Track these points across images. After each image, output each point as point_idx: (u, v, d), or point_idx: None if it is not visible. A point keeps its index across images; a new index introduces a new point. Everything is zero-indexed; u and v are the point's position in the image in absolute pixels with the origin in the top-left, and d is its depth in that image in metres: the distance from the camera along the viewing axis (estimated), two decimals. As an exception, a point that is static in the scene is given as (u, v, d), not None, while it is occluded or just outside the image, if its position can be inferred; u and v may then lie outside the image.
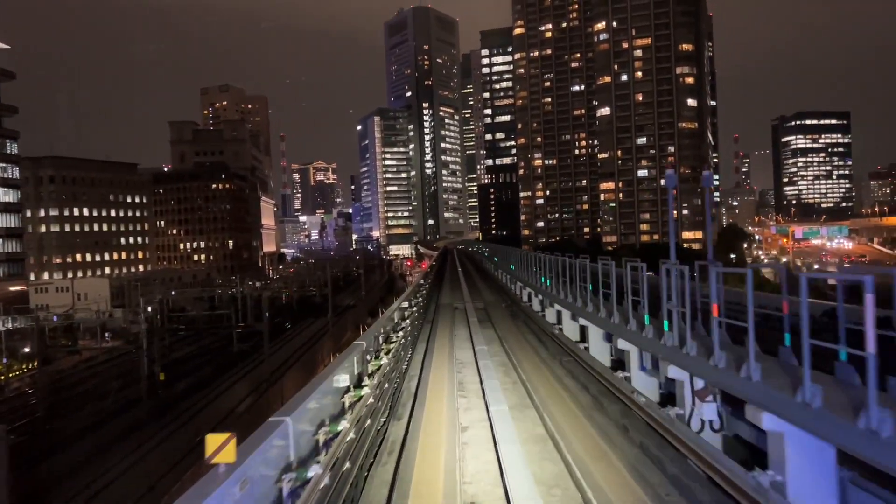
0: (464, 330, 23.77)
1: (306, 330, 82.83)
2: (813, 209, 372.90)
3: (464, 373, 16.68)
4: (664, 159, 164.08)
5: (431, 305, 33.00)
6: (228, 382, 52.61)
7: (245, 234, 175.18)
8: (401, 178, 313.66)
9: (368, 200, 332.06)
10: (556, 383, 15.81)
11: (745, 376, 8.65)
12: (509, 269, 39.82)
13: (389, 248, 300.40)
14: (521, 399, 14.11)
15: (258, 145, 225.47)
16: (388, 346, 15.44)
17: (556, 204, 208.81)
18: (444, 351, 20.43)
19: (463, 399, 14.00)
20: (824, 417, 7.10)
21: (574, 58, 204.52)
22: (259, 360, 60.09)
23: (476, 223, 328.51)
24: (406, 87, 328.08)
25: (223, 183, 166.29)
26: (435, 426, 12.20)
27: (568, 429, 11.72)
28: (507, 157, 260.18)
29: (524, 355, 19.42)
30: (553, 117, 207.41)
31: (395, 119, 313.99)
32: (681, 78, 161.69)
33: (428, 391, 15.18)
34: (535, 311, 28.10)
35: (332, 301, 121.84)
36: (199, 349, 68.69)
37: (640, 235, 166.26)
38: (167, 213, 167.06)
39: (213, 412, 43.45)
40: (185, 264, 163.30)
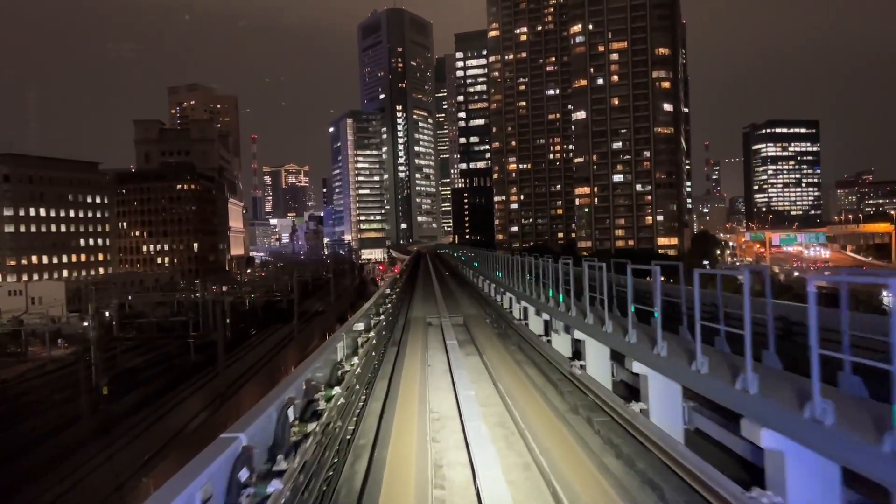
0: (440, 357, 18.32)
1: (271, 337, 78.91)
2: (783, 217, 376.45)
3: (445, 441, 11.06)
4: (640, 164, 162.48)
5: (400, 320, 28.11)
6: (181, 397, 48.69)
7: (211, 237, 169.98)
8: (373, 181, 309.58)
9: (340, 203, 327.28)
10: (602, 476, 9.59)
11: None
12: (494, 277, 33.78)
13: (362, 252, 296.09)
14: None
15: (227, 146, 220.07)
16: (326, 402, 9.99)
17: (530, 208, 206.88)
18: (411, 401, 14.59)
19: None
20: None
21: (549, 61, 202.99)
22: (216, 372, 56.31)
23: (449, 227, 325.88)
24: (379, 90, 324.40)
25: (189, 183, 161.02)
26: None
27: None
28: (482, 161, 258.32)
29: (533, 409, 13.47)
30: (528, 121, 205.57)
31: (367, 121, 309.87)
32: (657, 82, 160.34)
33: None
34: (535, 333, 21.61)
35: (300, 307, 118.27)
36: (153, 359, 64.42)
37: (615, 241, 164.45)
38: (130, 214, 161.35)
39: (160, 431, 39.56)
40: (149, 267, 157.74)
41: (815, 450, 6.88)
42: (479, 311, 31.51)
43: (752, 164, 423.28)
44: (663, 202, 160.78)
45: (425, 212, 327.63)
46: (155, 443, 37.17)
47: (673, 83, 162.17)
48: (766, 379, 8.13)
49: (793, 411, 7.17)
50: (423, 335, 24.00)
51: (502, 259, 31.27)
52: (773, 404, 7.57)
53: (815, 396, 6.75)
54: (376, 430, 12.13)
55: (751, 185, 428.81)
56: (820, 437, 6.73)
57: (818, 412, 6.71)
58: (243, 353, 69.94)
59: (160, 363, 61.06)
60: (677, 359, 10.13)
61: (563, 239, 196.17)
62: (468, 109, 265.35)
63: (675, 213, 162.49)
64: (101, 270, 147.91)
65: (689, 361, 9.58)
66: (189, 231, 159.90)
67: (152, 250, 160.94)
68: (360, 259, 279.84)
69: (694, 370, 9.32)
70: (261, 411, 7.51)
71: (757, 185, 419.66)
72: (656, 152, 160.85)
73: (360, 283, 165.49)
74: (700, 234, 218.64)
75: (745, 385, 8.03)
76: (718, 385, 8.79)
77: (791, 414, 7.18)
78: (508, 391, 14.61)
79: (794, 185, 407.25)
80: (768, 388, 7.97)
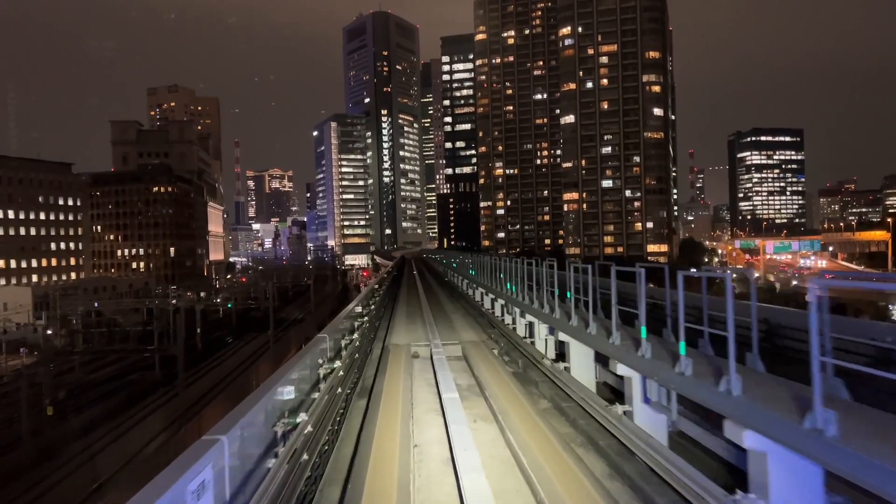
0: (434, 420, 12.36)
1: (245, 347, 74.40)
2: (768, 225, 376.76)
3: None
4: (629, 170, 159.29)
5: (375, 350, 21.60)
6: (139, 416, 44.19)
7: (189, 241, 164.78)
8: (358, 185, 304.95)
9: (324, 208, 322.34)
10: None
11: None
12: (504, 292, 25.28)
13: (345, 257, 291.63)
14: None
15: (207, 148, 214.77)
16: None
17: (516, 214, 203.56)
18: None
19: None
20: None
21: (537, 65, 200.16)
22: (186, 384, 51.86)
23: (434, 234, 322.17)
24: (364, 93, 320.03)
25: (165, 186, 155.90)
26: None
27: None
28: (468, 167, 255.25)
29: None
30: (515, 126, 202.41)
31: (352, 125, 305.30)
32: (647, 86, 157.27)
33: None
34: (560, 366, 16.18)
35: (279, 314, 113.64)
36: (112, 373, 59.61)
37: (604, 248, 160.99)
38: (105, 217, 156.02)
39: (109, 456, 35.07)
40: (123, 272, 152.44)
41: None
42: (480, 334, 24.63)
43: (736, 172, 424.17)
44: (653, 208, 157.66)
45: (410, 217, 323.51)
46: (90, 478, 32.55)
47: (663, 87, 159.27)
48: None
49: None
50: (408, 376, 16.82)
51: (511, 269, 23.90)
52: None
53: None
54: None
55: (735, 193, 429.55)
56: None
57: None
58: (210, 366, 65.44)
59: (119, 378, 56.33)
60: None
61: (549, 245, 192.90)
62: (454, 114, 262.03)
63: (664, 219, 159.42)
64: (72, 275, 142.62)
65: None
66: (165, 235, 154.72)
67: (127, 255, 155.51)
68: (344, 265, 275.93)
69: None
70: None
71: (742, 193, 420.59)
72: (646, 157, 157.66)
73: (342, 290, 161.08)
74: (687, 242, 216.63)
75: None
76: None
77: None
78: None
79: (779, 194, 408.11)
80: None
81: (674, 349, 9.82)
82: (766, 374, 8.66)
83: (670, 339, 10.93)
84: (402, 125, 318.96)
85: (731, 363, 7.76)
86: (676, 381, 9.28)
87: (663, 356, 10.03)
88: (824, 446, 6.19)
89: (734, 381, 7.73)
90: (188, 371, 54.06)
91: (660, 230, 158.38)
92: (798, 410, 6.72)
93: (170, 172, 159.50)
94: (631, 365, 10.96)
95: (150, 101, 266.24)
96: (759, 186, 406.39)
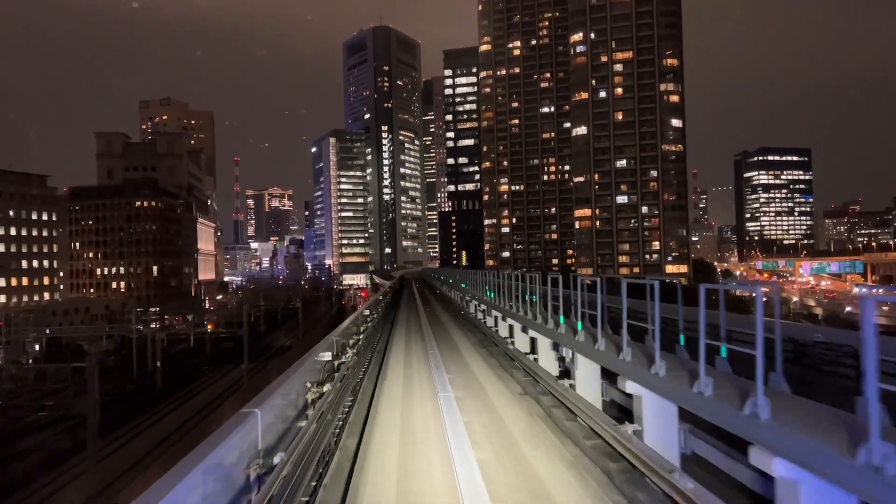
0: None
1: (209, 388, 63.64)
2: (779, 246, 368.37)
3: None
4: (646, 185, 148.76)
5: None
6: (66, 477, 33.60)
7: (174, 260, 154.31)
8: (357, 203, 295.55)
9: (322, 227, 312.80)
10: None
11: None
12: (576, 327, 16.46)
13: (343, 277, 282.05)
14: None
15: (198, 162, 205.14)
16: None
17: (522, 232, 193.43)
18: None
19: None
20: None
21: (544, 77, 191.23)
22: (141, 428, 41.32)
23: (435, 253, 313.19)
24: (364, 109, 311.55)
25: (149, 200, 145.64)
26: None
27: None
28: (470, 183, 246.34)
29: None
30: (520, 140, 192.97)
31: (351, 141, 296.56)
32: (665, 95, 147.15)
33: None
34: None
35: (263, 341, 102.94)
36: (40, 421, 48.89)
37: (619, 268, 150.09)
38: (84, 233, 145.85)
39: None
40: (102, 292, 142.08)
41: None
42: (523, 408, 14.72)
43: (743, 192, 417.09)
44: (671, 226, 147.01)
45: (411, 236, 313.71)
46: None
47: (681, 97, 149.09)
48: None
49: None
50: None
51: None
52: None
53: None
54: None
55: (742, 213, 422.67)
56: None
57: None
58: (171, 406, 54.87)
59: (52, 426, 45.65)
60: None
61: (557, 265, 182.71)
62: (457, 129, 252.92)
63: (683, 238, 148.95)
64: (46, 295, 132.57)
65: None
66: (148, 253, 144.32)
67: (107, 274, 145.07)
68: (342, 284, 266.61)
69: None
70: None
71: (749, 214, 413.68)
72: (664, 171, 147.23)
73: (337, 312, 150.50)
74: (699, 263, 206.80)
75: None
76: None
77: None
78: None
79: (787, 214, 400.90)
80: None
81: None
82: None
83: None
84: (403, 142, 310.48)
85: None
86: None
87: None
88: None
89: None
90: (111, 431, 43.13)
91: (679, 250, 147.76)
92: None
93: (154, 186, 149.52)
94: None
95: (142, 114, 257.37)
96: (767, 206, 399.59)
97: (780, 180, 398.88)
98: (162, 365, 68.25)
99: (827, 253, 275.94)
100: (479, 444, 11.54)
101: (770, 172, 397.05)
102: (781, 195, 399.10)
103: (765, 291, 8.25)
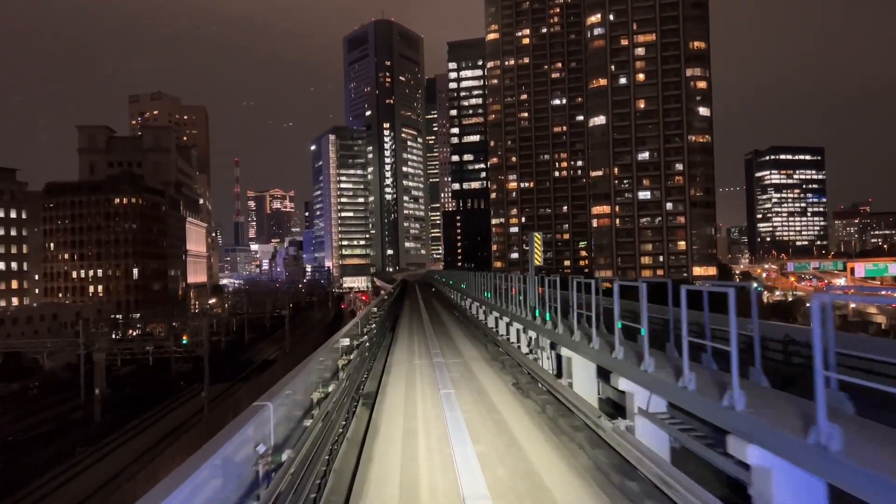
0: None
1: (149, 430, 51.83)
2: (794, 248, 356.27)
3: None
4: (670, 179, 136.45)
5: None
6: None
7: (158, 261, 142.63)
8: (357, 203, 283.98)
9: (321, 228, 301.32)
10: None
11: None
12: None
13: (343, 279, 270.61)
14: None
15: (189, 158, 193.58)
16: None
17: (532, 232, 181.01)
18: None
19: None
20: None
21: (555, 67, 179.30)
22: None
23: (438, 254, 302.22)
24: (365, 106, 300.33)
25: (129, 197, 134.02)
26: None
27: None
28: (476, 182, 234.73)
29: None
30: (530, 134, 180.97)
31: (352, 139, 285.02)
32: (691, 81, 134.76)
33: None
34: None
35: (245, 354, 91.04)
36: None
37: (641, 270, 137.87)
38: (58, 232, 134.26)
39: None
40: (78, 297, 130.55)
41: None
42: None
43: (754, 193, 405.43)
44: (698, 224, 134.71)
45: (413, 237, 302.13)
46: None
47: (709, 83, 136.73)
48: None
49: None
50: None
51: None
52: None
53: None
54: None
55: (753, 213, 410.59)
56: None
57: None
58: (114, 443, 43.23)
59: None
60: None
61: (570, 267, 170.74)
62: (462, 125, 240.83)
63: (710, 237, 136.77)
64: (15, 300, 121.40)
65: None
66: (128, 254, 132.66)
67: (84, 277, 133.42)
68: (342, 287, 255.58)
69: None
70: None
71: (760, 214, 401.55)
72: (690, 165, 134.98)
73: (334, 318, 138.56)
74: (718, 265, 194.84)
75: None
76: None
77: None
78: None
79: (800, 215, 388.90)
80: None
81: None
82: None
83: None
84: (406, 139, 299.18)
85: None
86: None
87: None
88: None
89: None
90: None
91: (706, 250, 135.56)
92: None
93: (135, 181, 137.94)
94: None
95: (131, 109, 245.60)
96: (779, 207, 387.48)
97: (793, 180, 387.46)
98: (117, 384, 56.67)
99: (878, 252, 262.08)
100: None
101: (782, 172, 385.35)
102: (794, 195, 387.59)
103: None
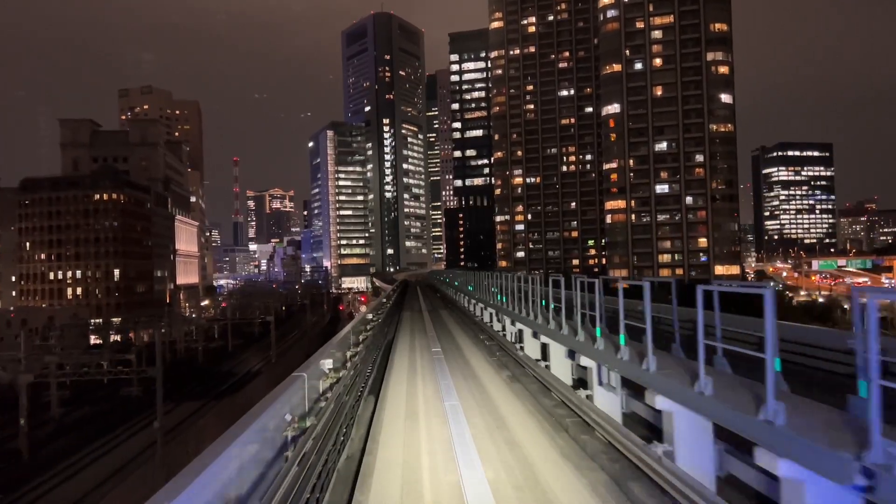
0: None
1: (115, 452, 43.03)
2: (804, 246, 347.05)
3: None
4: (690, 171, 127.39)
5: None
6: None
7: (142, 261, 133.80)
8: (356, 200, 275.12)
9: (319, 227, 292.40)
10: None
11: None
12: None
13: (342, 280, 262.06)
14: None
15: (179, 154, 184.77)
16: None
17: (539, 230, 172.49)
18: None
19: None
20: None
21: (562, 57, 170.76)
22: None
23: (440, 254, 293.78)
24: (364, 101, 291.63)
25: (110, 192, 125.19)
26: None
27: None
28: (479, 178, 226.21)
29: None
30: (536, 127, 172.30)
31: (351, 135, 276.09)
32: (712, 66, 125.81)
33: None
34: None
35: (229, 365, 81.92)
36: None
37: (659, 269, 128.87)
38: (35, 231, 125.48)
39: None
40: (55, 300, 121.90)
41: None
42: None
43: (761, 190, 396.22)
44: (721, 220, 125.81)
45: (414, 236, 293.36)
46: None
47: (731, 68, 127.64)
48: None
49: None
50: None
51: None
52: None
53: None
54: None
55: (761, 211, 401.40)
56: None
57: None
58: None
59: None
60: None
61: (578, 267, 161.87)
62: (464, 119, 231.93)
63: (734, 233, 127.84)
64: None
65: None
66: (108, 253, 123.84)
67: (61, 278, 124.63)
68: (341, 288, 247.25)
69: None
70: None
71: (768, 212, 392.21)
72: (712, 156, 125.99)
73: (330, 321, 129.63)
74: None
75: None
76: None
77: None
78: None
79: (808, 212, 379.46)
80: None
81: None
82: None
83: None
84: (406, 136, 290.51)
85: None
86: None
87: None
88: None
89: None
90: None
91: (730, 247, 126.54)
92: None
93: (116, 176, 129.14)
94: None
95: (121, 103, 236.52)
96: (787, 204, 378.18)
97: (801, 177, 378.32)
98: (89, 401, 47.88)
99: (846, 252, 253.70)
100: None
101: (790, 168, 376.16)
102: (802, 192, 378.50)
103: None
